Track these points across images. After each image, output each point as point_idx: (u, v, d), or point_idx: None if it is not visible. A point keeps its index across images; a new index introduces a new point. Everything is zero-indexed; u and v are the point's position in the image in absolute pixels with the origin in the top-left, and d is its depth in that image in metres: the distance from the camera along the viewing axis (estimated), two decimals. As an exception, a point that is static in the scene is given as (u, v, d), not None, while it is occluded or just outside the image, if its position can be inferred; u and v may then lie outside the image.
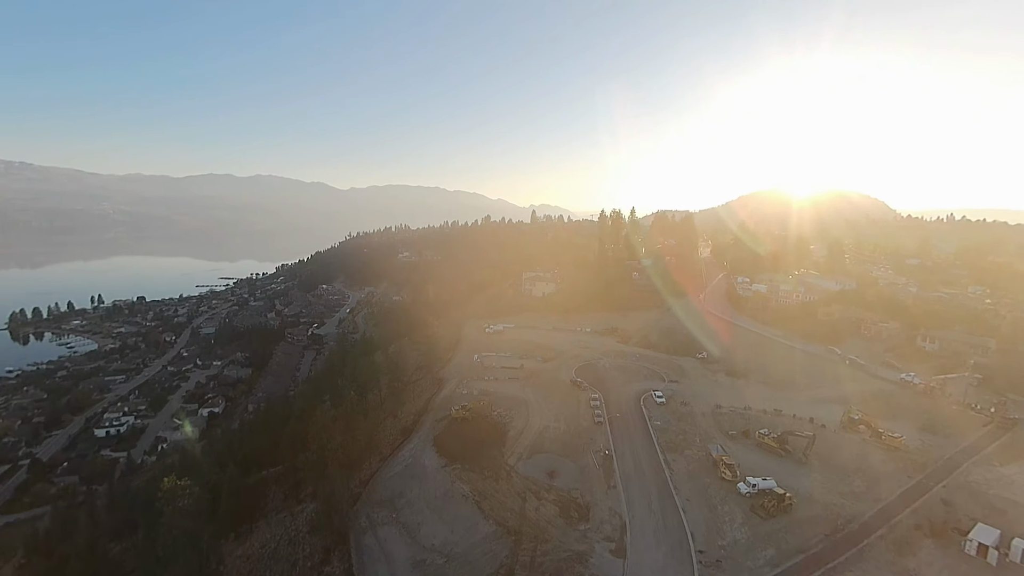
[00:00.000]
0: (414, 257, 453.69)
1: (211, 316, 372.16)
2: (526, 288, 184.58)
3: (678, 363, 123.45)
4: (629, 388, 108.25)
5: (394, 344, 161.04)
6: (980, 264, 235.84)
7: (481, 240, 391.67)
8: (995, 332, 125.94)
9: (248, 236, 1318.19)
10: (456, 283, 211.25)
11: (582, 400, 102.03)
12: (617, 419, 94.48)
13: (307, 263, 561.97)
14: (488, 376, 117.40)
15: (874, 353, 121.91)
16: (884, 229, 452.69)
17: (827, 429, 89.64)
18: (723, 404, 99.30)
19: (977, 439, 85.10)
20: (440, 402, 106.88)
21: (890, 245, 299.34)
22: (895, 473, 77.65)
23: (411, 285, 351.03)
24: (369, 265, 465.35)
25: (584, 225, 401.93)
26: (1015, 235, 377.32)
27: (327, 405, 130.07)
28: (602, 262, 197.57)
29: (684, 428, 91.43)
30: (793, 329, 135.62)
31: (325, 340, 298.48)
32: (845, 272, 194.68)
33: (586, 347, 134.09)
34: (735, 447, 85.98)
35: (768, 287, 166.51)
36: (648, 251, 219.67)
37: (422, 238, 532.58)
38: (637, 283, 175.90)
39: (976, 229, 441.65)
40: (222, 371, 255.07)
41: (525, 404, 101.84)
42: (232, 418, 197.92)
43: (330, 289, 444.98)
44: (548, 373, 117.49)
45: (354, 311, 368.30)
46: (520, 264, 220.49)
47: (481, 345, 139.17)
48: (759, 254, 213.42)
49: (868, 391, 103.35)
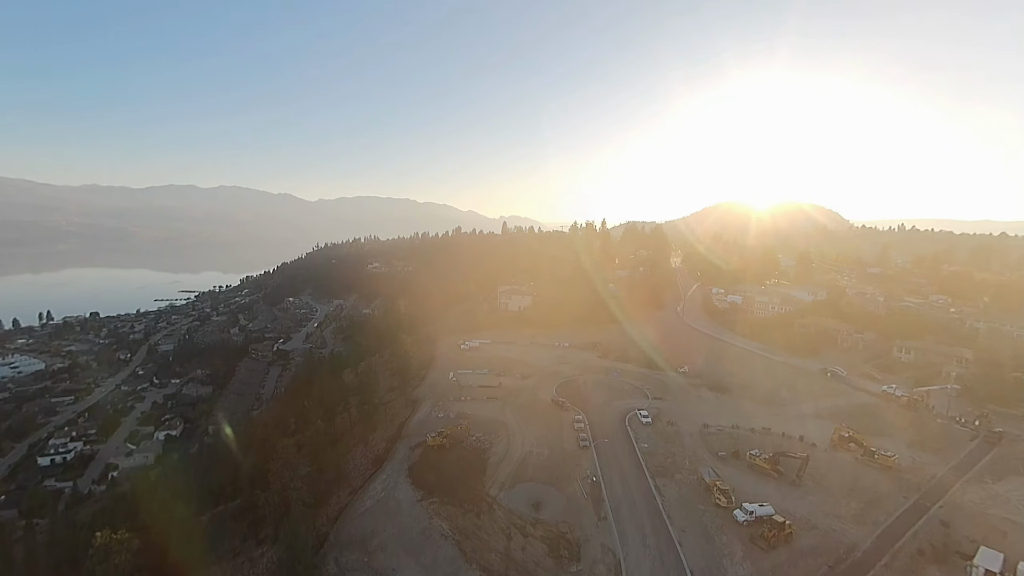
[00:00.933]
0: (384, 268, 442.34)
1: (170, 332, 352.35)
2: (502, 302, 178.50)
3: (660, 378, 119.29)
4: (613, 407, 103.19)
5: (364, 361, 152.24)
6: (937, 273, 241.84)
7: (453, 252, 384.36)
8: (969, 342, 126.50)
9: (212, 248, 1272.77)
10: (429, 296, 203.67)
11: (565, 421, 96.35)
12: (602, 441, 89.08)
13: (273, 275, 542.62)
14: (465, 396, 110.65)
15: (853, 364, 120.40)
16: (842, 239, 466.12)
17: (818, 448, 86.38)
18: (710, 423, 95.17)
19: (966, 455, 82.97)
20: (414, 426, 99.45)
21: (852, 255, 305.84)
22: (891, 494, 74.45)
23: (382, 297, 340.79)
24: (338, 277, 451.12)
25: (555, 236, 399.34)
26: (963, 244, 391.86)
27: (292, 430, 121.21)
28: (578, 274, 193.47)
29: (672, 450, 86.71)
30: (772, 341, 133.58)
31: (292, 356, 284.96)
32: (814, 282, 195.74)
33: (565, 363, 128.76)
34: (726, 469, 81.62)
35: (744, 298, 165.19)
36: (622, 262, 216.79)
37: (392, 249, 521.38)
38: (614, 295, 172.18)
39: (926, 239, 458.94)
40: (181, 390, 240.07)
41: (505, 427, 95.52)
42: (191, 441, 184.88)
43: (297, 302, 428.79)
44: (528, 392, 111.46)
45: (322, 325, 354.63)
46: (494, 276, 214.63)
47: (456, 362, 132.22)
48: (731, 265, 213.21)
49: (852, 404, 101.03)
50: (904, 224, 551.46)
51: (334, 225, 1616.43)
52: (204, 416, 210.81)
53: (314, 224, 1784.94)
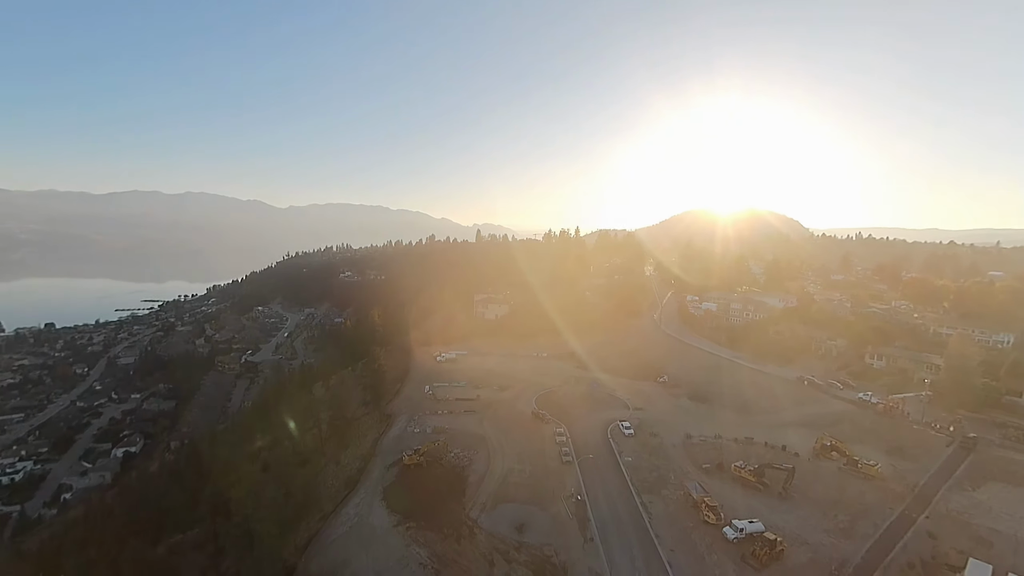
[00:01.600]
0: (357, 277, 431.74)
1: (131, 344, 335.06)
2: (478, 311, 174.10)
3: (640, 388, 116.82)
4: (594, 419, 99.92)
5: (336, 374, 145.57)
6: (896, 279, 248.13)
7: (427, 260, 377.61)
8: (934, 348, 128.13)
9: (177, 256, 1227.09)
10: (403, 306, 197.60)
11: (546, 435, 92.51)
12: (585, 455, 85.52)
13: (242, 284, 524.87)
14: (442, 410, 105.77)
15: (828, 371, 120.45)
16: (803, 246, 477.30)
17: (801, 457, 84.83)
18: (693, 433, 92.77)
19: (945, 462, 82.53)
20: (389, 443, 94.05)
21: (815, 262, 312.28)
22: (876, 504, 73.00)
23: (354, 306, 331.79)
24: (309, 285, 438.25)
25: (530, 244, 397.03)
26: (917, 252, 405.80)
27: (258, 448, 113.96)
28: (555, 282, 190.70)
29: (657, 463, 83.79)
30: (748, 349, 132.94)
31: (260, 368, 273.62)
32: (784, 289, 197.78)
33: (544, 373, 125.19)
34: (711, 482, 79.10)
35: (718, 306, 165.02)
36: (596, 270, 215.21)
37: (365, 257, 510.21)
38: (592, 304, 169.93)
39: (882, 247, 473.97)
40: (141, 405, 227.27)
41: (484, 442, 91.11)
42: (151, 459, 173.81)
43: (266, 311, 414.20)
44: (507, 404, 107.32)
45: (292, 335, 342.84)
46: (470, 285, 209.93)
47: (432, 374, 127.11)
48: (702, 272, 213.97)
49: (830, 412, 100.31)
50: (861, 233, 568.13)
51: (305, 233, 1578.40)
52: (166, 432, 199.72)
53: (284, 232, 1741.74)
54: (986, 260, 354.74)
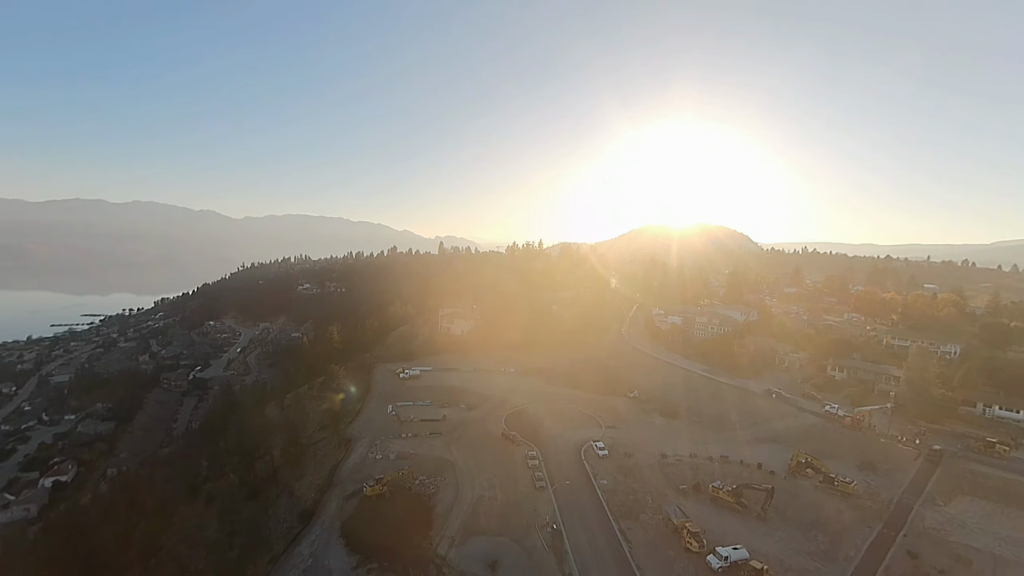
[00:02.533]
0: (316, 289, 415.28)
1: (67, 361, 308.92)
2: (443, 326, 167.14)
3: (611, 404, 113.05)
4: (566, 438, 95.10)
5: (292, 393, 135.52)
6: (845, 292, 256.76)
7: (389, 272, 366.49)
8: (888, 358, 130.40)
9: (123, 268, 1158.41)
10: (364, 320, 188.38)
11: (518, 458, 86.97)
12: (559, 479, 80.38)
13: (192, 296, 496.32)
14: (406, 432, 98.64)
15: (794, 384, 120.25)
16: (755, 260, 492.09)
17: (777, 475, 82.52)
18: (667, 452, 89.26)
19: (915, 476, 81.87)
20: (349, 471, 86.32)
21: (769, 275, 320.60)
22: (855, 523, 70.99)
23: (313, 320, 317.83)
24: (265, 298, 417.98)
25: (494, 256, 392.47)
26: (860, 265, 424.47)
27: (202, 477, 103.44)
28: (521, 296, 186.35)
29: (633, 486, 79.56)
30: (715, 363, 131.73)
31: (210, 385, 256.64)
32: (744, 302, 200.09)
33: (513, 390, 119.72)
34: (689, 504, 75.52)
35: (683, 319, 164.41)
36: (562, 283, 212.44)
37: (324, 269, 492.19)
38: (559, 317, 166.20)
39: (827, 260, 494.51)
40: (75, 427, 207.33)
41: (452, 468, 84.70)
42: (84, 489, 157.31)
43: (218, 326, 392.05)
44: (475, 425, 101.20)
45: (246, 350, 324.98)
46: (433, 298, 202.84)
47: (395, 393, 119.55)
48: (665, 285, 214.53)
49: (801, 427, 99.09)
50: (807, 247, 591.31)
51: (262, 244, 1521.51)
52: (103, 457, 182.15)
53: (239, 243, 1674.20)
54: (921, 273, 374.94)
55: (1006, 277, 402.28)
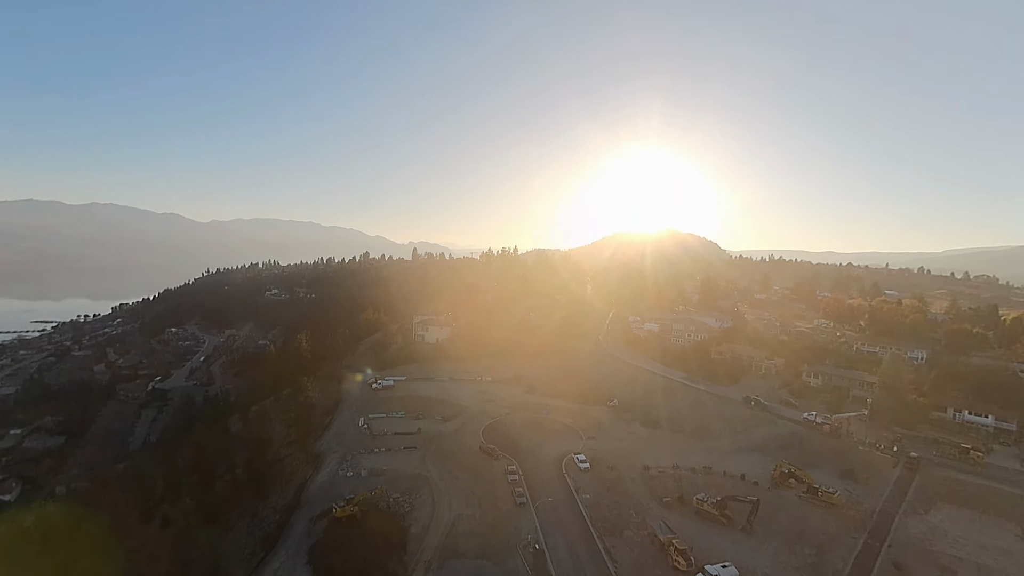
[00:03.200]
0: (284, 295, 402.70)
1: (14, 371, 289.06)
2: (417, 333, 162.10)
3: (591, 414, 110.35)
4: (546, 451, 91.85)
5: (257, 405, 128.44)
6: (813, 298, 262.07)
7: (361, 279, 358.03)
8: (859, 364, 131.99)
9: (80, 272, 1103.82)
10: (335, 327, 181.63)
11: (496, 473, 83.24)
12: (540, 494, 76.99)
13: (154, 303, 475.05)
14: (379, 446, 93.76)
15: (771, 391, 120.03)
16: (725, 267, 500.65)
17: (761, 486, 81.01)
18: (650, 464, 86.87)
19: (895, 484, 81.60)
20: (317, 490, 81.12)
21: (739, 282, 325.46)
22: (840, 535, 69.79)
23: (281, 327, 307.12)
24: (231, 305, 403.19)
25: (468, 263, 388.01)
26: (825, 273, 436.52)
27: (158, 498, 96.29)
28: (497, 303, 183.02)
29: (616, 500, 76.77)
30: (693, 370, 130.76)
31: (170, 396, 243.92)
32: (718, 309, 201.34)
33: (491, 400, 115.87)
34: (673, 517, 73.15)
35: (660, 326, 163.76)
36: (538, 290, 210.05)
37: (294, 275, 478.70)
38: (536, 325, 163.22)
39: (793, 268, 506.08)
40: (22, 442, 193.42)
41: (428, 484, 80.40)
42: (29, 509, 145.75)
43: (180, 333, 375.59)
44: (451, 437, 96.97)
45: (210, 359, 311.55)
46: (407, 305, 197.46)
47: (368, 405, 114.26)
48: (640, 292, 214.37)
49: (780, 435, 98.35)
50: (773, 254, 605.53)
51: (229, 249, 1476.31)
52: (51, 474, 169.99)
53: (205, 247, 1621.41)
54: (881, 280, 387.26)
55: (958, 284, 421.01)
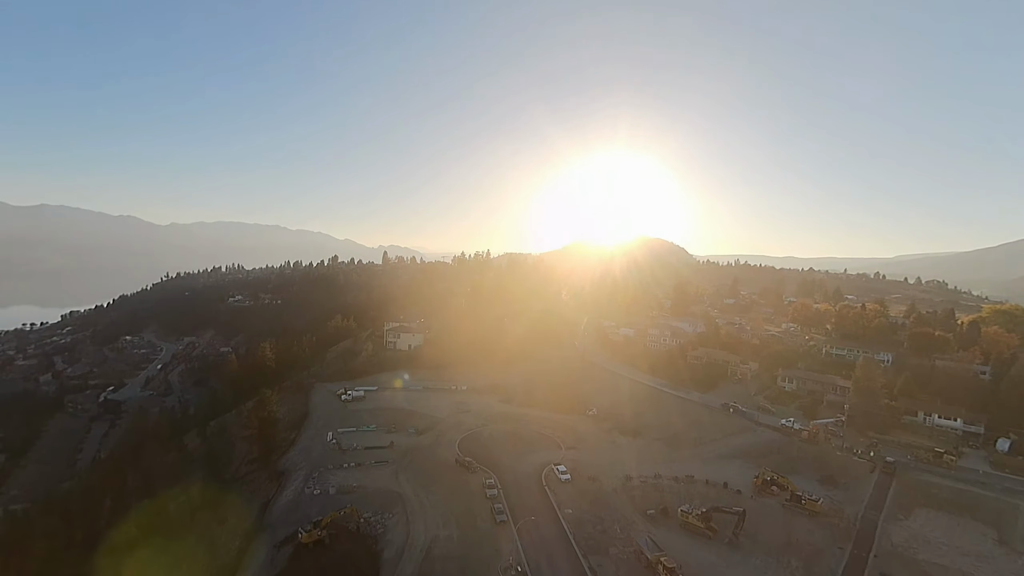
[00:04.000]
0: (248, 301, 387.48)
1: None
2: (389, 341, 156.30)
3: (570, 423, 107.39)
4: (526, 463, 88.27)
5: (216, 419, 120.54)
6: (780, 303, 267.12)
7: (329, 284, 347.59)
8: (834, 369, 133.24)
9: (26, 277, 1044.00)
10: (301, 335, 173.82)
11: (474, 488, 79.10)
12: (520, 511, 73.20)
13: (108, 309, 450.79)
14: (348, 462, 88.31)
15: (747, 396, 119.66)
16: (693, 272, 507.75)
17: (743, 495, 79.47)
18: (632, 474, 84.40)
19: (874, 490, 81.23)
20: (282, 511, 75.35)
21: (709, 287, 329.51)
22: (825, 544, 68.47)
23: (245, 334, 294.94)
24: (191, 311, 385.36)
25: (440, 267, 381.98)
26: (789, 277, 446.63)
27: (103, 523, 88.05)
28: (471, 309, 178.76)
29: (600, 514, 73.72)
30: (670, 376, 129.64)
31: (124, 408, 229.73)
32: (690, 314, 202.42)
33: (466, 411, 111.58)
34: (658, 531, 70.58)
35: (635, 331, 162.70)
36: (512, 295, 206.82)
37: (259, 280, 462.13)
38: (511, 331, 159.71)
39: (758, 272, 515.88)
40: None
41: (402, 502, 75.67)
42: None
43: (136, 341, 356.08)
44: (426, 451, 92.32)
45: (167, 367, 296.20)
46: (378, 312, 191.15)
47: (336, 417, 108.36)
48: (614, 297, 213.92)
49: (760, 442, 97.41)
50: (739, 259, 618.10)
51: (189, 253, 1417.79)
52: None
53: (164, 251, 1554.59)
54: (840, 285, 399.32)
55: (911, 288, 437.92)
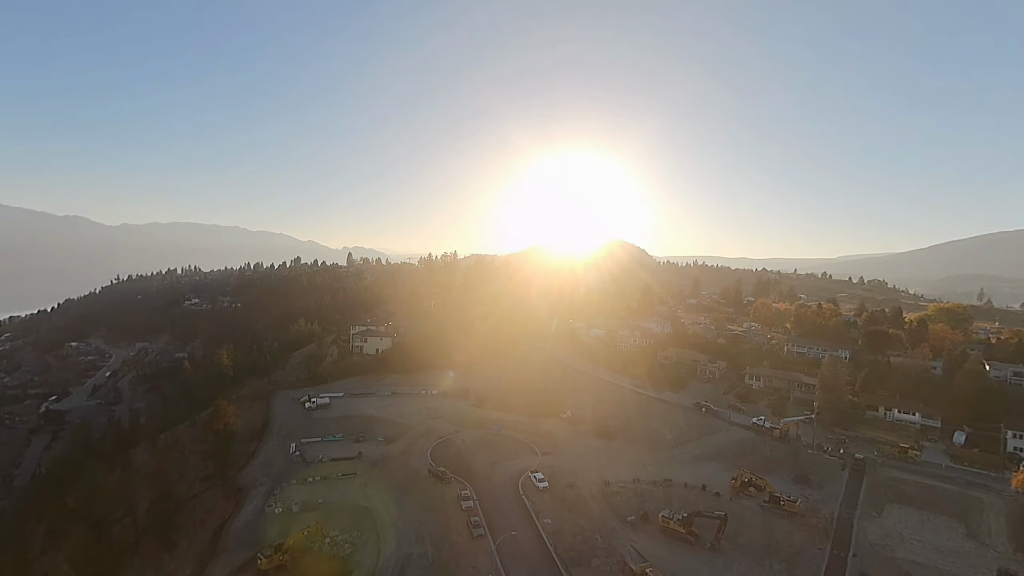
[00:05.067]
0: (206, 304, 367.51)
1: None
2: (355, 345, 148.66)
3: (544, 427, 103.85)
4: (501, 470, 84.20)
5: (168, 431, 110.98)
6: (740, 302, 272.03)
7: (292, 286, 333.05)
8: (797, 366, 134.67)
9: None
10: (262, 339, 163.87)
11: (449, 499, 74.36)
12: (498, 523, 68.99)
13: (52, 314, 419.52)
14: (313, 476, 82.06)
15: (718, 395, 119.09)
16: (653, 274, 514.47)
17: (723, 497, 77.78)
18: (610, 479, 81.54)
19: (846, 488, 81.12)
20: (239, 532, 68.65)
21: (671, 288, 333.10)
22: (805, 545, 67.29)
23: (201, 338, 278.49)
24: (143, 315, 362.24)
25: (407, 268, 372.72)
26: (745, 278, 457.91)
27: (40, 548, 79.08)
28: (440, 310, 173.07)
29: (580, 523, 70.35)
30: (640, 376, 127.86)
31: (68, 418, 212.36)
32: (656, 314, 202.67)
33: (437, 416, 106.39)
34: (639, 538, 67.90)
35: (606, 332, 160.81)
36: (481, 296, 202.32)
37: (217, 282, 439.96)
38: (482, 333, 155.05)
39: (715, 273, 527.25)
40: None
41: (372, 517, 70.28)
42: None
43: (82, 347, 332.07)
44: (397, 461, 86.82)
45: (117, 374, 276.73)
46: (343, 314, 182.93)
47: (300, 427, 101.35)
48: (584, 298, 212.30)
49: (734, 441, 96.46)
50: (696, 260, 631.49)
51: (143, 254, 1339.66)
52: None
53: (115, 252, 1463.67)
54: (792, 285, 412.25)
55: (855, 287, 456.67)
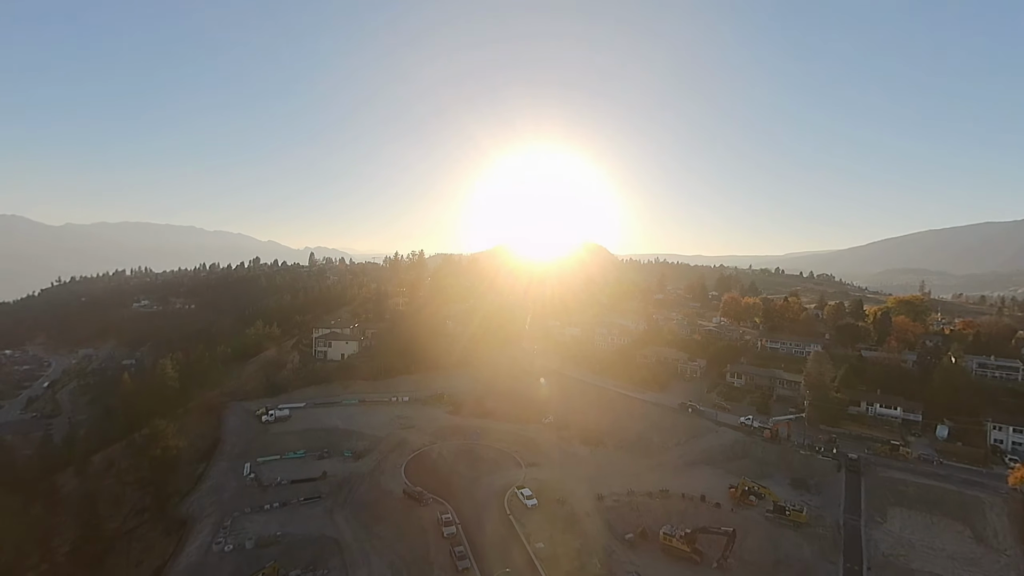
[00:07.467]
0: (157, 306, 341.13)
1: None
2: (319, 350, 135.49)
3: (526, 435, 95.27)
4: (484, 486, 75.24)
5: (102, 452, 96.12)
6: (704, 298, 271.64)
7: (250, 288, 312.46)
8: (773, 361, 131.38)
9: None
10: (215, 344, 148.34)
11: (428, 524, 64.92)
12: (485, 550, 60.14)
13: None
14: (271, 502, 70.77)
15: (702, 395, 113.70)
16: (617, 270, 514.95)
17: (722, 508, 71.18)
18: (602, 491, 73.89)
19: (845, 491, 76.16)
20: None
21: (638, 284, 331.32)
22: (816, 560, 61.44)
23: (152, 343, 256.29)
24: (87, 318, 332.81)
25: (372, 268, 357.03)
26: (707, 274, 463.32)
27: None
28: (410, 312, 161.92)
29: (574, 544, 62.42)
30: (621, 376, 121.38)
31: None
32: (629, 311, 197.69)
33: (411, 426, 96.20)
34: (638, 559, 60.72)
35: (581, 330, 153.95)
36: (453, 296, 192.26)
37: (169, 283, 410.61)
38: (455, 334, 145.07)
39: (676, 269, 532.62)
40: None
41: (340, 551, 60.09)
42: None
43: (17, 355, 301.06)
44: (366, 480, 76.49)
45: (57, 384, 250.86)
46: (305, 317, 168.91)
47: (256, 444, 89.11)
48: (556, 296, 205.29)
49: (725, 444, 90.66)
50: (657, 258, 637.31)
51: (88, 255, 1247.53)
52: None
53: (56, 254, 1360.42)
54: (749, 280, 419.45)
55: (806, 282, 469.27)
